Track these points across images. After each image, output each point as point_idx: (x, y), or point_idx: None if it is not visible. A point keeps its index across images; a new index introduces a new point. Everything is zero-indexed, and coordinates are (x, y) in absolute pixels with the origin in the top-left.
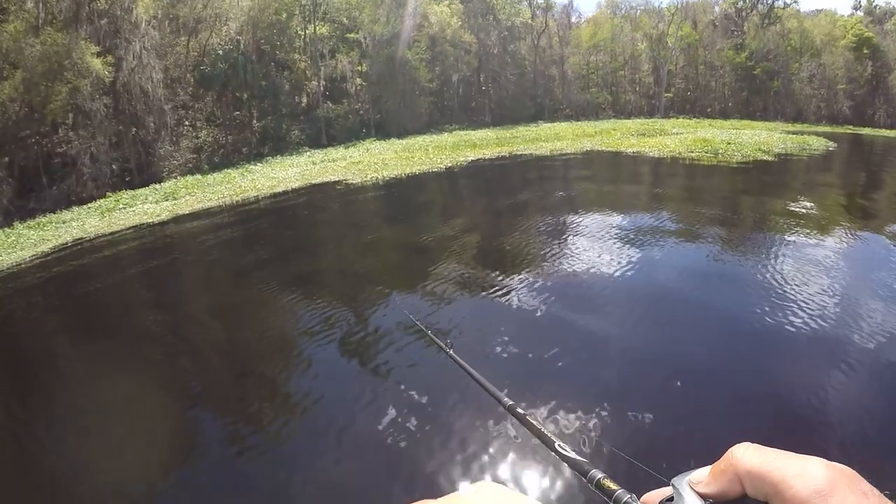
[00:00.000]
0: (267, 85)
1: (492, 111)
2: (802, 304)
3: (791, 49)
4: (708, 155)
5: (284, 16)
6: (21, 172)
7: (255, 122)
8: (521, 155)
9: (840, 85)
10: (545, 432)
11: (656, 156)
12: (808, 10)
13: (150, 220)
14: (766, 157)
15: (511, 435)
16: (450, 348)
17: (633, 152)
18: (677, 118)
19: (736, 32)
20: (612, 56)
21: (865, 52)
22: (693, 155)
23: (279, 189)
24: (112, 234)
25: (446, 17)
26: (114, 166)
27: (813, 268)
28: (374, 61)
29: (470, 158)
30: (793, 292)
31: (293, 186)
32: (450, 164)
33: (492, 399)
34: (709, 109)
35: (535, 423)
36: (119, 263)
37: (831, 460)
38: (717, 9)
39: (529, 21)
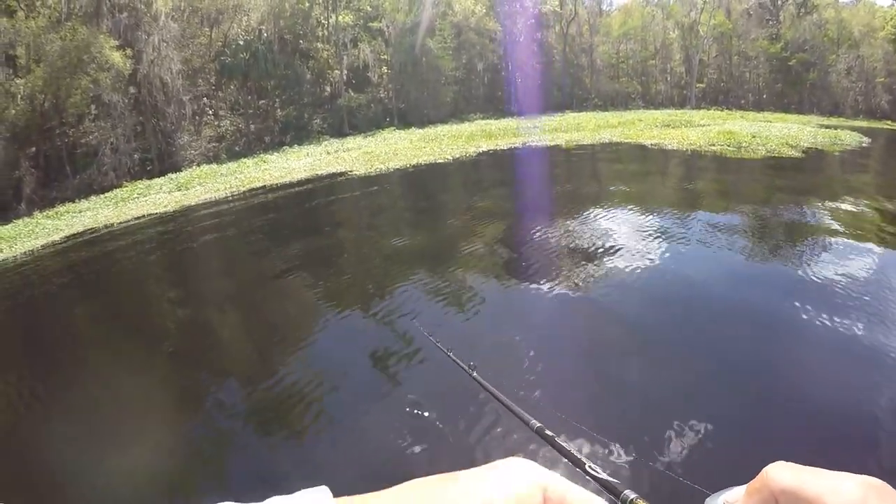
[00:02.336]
0: (290, 74)
1: (518, 100)
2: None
3: (828, 40)
4: (730, 148)
5: (307, 4)
6: (46, 162)
7: (278, 111)
8: (534, 146)
9: (879, 78)
10: (575, 454)
11: (675, 148)
12: (846, 0)
13: (158, 211)
14: (792, 153)
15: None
16: (473, 370)
17: (652, 144)
18: (708, 109)
19: (771, 22)
20: (643, 45)
21: None
22: (714, 148)
23: (286, 180)
24: (120, 223)
25: (470, 5)
26: (135, 156)
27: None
28: (396, 50)
29: (482, 149)
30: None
31: (299, 177)
32: (458, 156)
33: (518, 422)
34: (742, 101)
35: (564, 444)
36: (118, 252)
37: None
38: None
39: (558, 9)
